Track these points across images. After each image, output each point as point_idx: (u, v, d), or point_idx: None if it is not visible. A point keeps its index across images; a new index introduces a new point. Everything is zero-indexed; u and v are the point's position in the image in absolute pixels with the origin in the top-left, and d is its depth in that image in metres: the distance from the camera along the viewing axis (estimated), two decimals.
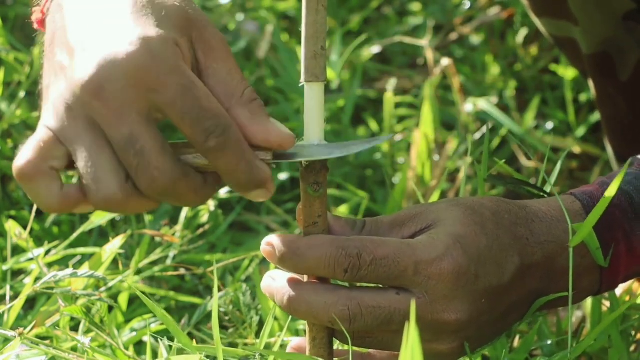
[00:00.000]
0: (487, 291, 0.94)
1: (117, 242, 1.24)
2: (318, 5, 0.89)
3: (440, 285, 0.92)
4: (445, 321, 0.93)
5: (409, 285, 0.93)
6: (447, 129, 1.87)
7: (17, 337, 1.00)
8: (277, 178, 1.72)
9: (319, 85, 0.91)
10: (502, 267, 0.94)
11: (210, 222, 1.41)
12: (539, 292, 0.98)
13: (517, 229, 0.96)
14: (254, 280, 1.33)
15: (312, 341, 0.97)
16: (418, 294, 0.92)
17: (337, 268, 0.92)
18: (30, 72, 1.49)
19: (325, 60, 0.91)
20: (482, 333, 0.97)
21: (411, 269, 0.92)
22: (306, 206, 0.94)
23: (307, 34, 0.90)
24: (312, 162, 0.93)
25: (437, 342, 0.95)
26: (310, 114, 0.92)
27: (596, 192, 1.00)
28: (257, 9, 1.99)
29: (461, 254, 0.92)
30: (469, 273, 0.93)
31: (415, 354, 0.74)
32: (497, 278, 0.94)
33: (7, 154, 1.52)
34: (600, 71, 1.27)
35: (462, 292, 0.93)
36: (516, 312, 0.98)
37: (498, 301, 0.95)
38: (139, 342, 1.26)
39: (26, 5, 1.63)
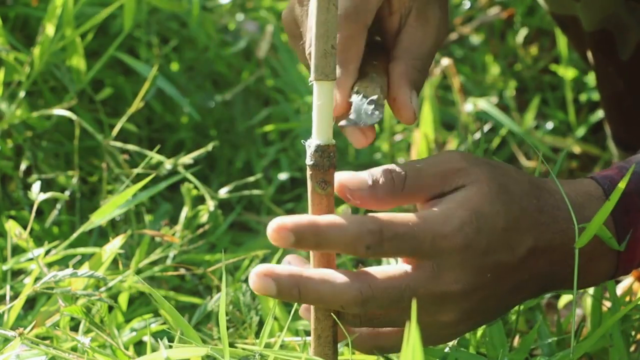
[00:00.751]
0: (494, 266, 0.94)
1: (117, 242, 1.24)
2: (329, 4, 0.89)
3: (450, 258, 0.93)
4: (449, 291, 0.94)
5: (422, 256, 0.93)
6: (447, 129, 1.87)
7: (17, 337, 1.00)
8: (277, 178, 1.72)
9: (328, 84, 0.91)
10: (513, 247, 0.95)
11: (210, 222, 1.41)
12: (552, 274, 0.98)
13: (541, 216, 0.97)
14: None
15: (316, 339, 0.97)
16: (428, 268, 0.93)
17: (359, 245, 0.92)
18: (30, 72, 1.49)
19: (335, 59, 0.91)
20: (484, 307, 0.97)
21: (428, 243, 0.93)
22: (314, 204, 0.95)
23: (317, 33, 0.90)
24: (320, 161, 0.93)
25: (439, 313, 0.95)
26: (320, 113, 0.92)
27: (616, 177, 1.00)
28: (257, 9, 1.99)
29: (475, 231, 0.93)
30: (478, 249, 0.93)
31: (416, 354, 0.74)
32: (506, 256, 0.95)
33: (7, 154, 1.52)
34: (601, 49, 1.27)
35: (468, 264, 0.93)
36: (524, 292, 0.99)
37: (504, 278, 0.96)
38: (139, 342, 1.26)
39: (26, 5, 1.63)
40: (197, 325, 1.27)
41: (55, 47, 1.50)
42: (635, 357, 1.09)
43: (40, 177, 1.49)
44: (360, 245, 0.92)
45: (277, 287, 0.94)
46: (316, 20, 0.89)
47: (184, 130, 1.75)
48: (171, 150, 1.73)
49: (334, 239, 0.93)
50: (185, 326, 1.00)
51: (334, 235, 0.93)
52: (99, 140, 1.48)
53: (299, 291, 0.94)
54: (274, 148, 1.75)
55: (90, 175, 1.58)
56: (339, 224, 0.93)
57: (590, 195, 0.99)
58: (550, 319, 1.35)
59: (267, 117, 1.82)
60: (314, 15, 0.90)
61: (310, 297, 0.94)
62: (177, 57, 1.79)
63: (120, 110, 1.63)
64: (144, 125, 1.71)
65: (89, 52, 1.63)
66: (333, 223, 0.93)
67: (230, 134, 1.80)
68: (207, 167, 1.74)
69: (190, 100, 1.74)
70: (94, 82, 1.65)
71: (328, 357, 0.97)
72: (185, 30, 1.80)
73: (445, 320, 0.96)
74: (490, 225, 0.94)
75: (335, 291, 0.93)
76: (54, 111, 1.48)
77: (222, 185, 1.64)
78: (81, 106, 1.60)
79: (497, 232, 0.94)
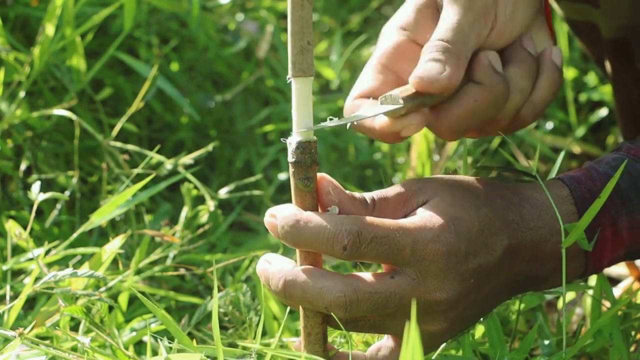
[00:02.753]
0: (475, 271, 0.96)
1: (117, 242, 1.24)
2: (303, 1, 0.89)
3: (433, 265, 0.94)
4: (436, 300, 0.95)
5: (403, 264, 0.94)
6: None
7: (17, 337, 1.00)
8: (277, 178, 1.72)
9: (306, 80, 0.92)
10: (491, 249, 0.97)
11: (210, 222, 1.41)
12: (527, 274, 1.00)
13: (508, 214, 0.98)
14: (254, 280, 1.33)
15: (306, 337, 0.97)
16: (412, 275, 0.94)
17: (336, 245, 0.93)
18: (30, 72, 1.49)
19: (312, 55, 0.91)
20: (469, 313, 0.98)
21: (409, 248, 0.93)
22: (297, 201, 0.95)
23: (292, 30, 0.90)
24: (301, 158, 0.93)
25: (428, 322, 0.96)
26: (299, 108, 0.93)
27: (583, 177, 1.02)
28: (257, 9, 1.99)
29: (454, 235, 0.95)
30: (459, 254, 0.95)
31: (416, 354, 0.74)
32: (485, 259, 0.96)
33: (7, 154, 1.52)
34: (618, 57, 1.28)
35: (452, 272, 0.95)
36: (503, 293, 1.01)
37: (486, 281, 0.97)
38: (139, 342, 1.26)
39: (26, 5, 1.63)
40: (197, 325, 1.27)
41: (55, 47, 1.50)
42: (635, 357, 1.09)
43: (40, 177, 1.48)
44: (337, 245, 0.93)
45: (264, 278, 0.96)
46: (291, 17, 0.90)
47: (184, 130, 1.75)
48: (171, 150, 1.73)
49: (310, 235, 0.93)
50: (177, 332, 0.99)
51: (311, 232, 0.93)
52: (99, 140, 1.48)
53: (284, 287, 0.94)
54: (274, 148, 1.75)
55: (90, 175, 1.58)
56: (317, 222, 0.93)
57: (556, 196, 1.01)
58: (550, 319, 1.35)
59: (267, 117, 1.82)
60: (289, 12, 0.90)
61: (296, 294, 0.94)
62: (177, 57, 1.79)
63: (120, 110, 1.63)
64: (144, 125, 1.71)
65: (89, 52, 1.63)
66: (311, 219, 0.94)
67: (230, 134, 1.80)
68: (207, 167, 1.74)
69: (190, 100, 1.74)
70: (94, 82, 1.65)
71: (318, 354, 0.97)
72: (185, 30, 1.80)
73: (432, 329, 0.97)
74: (467, 229, 0.95)
75: (321, 292, 0.93)
76: (54, 111, 1.48)
77: (222, 185, 1.64)
78: (81, 106, 1.59)
79: (474, 235, 0.96)
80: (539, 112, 1.10)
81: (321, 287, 0.93)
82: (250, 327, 1.19)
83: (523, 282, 1.01)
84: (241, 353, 1.01)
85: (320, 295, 0.93)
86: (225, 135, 1.79)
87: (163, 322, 0.99)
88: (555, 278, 1.02)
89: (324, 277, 0.94)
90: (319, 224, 0.93)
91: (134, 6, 1.57)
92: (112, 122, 1.57)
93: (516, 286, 1.01)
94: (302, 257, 0.96)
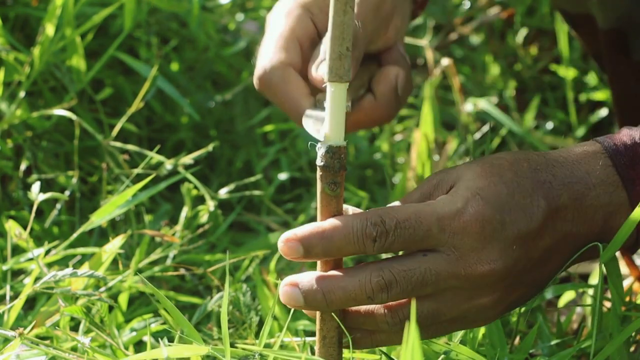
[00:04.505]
0: (517, 238, 0.94)
1: (117, 242, 1.24)
2: (346, 6, 0.89)
3: (467, 238, 0.93)
4: (480, 273, 0.93)
5: (436, 245, 0.93)
6: (447, 129, 1.87)
7: (17, 337, 1.00)
8: (277, 178, 1.72)
9: (342, 86, 0.92)
10: (528, 212, 0.94)
11: (210, 222, 1.41)
12: (575, 235, 0.98)
13: (538, 174, 0.96)
14: (254, 280, 1.33)
15: (321, 340, 0.97)
16: (447, 252, 0.93)
17: (366, 239, 0.93)
18: (30, 72, 1.49)
19: (350, 61, 0.91)
20: (522, 281, 0.96)
21: (435, 226, 0.92)
22: (323, 205, 0.95)
23: (333, 35, 0.90)
24: (330, 162, 0.93)
25: (478, 297, 0.95)
26: (332, 114, 0.92)
27: (616, 135, 1.00)
28: (257, 9, 1.99)
29: (482, 204, 0.93)
30: (494, 221, 0.93)
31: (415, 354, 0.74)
32: (525, 223, 0.94)
33: (7, 154, 1.52)
34: (614, 48, 1.27)
35: (490, 241, 0.93)
36: (555, 257, 0.98)
37: (531, 247, 0.95)
38: (139, 342, 1.26)
39: (26, 5, 1.63)
40: (197, 326, 1.27)
41: (55, 47, 1.50)
42: (636, 357, 1.09)
43: (40, 177, 1.49)
44: (368, 240, 0.93)
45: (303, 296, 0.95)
46: (332, 22, 0.90)
47: (184, 130, 1.75)
48: (171, 150, 1.73)
49: (340, 240, 0.93)
50: (186, 325, 1.00)
51: (340, 237, 0.93)
52: (99, 140, 1.48)
53: (323, 295, 0.94)
54: (274, 148, 1.75)
55: (90, 175, 1.58)
56: (343, 224, 0.93)
57: (585, 152, 0.99)
58: (550, 319, 1.35)
59: (267, 117, 1.82)
60: (330, 17, 0.90)
61: (337, 297, 0.94)
62: (177, 57, 1.79)
63: (120, 110, 1.63)
64: (144, 125, 1.71)
65: (89, 52, 1.63)
66: (336, 225, 0.93)
67: (230, 134, 1.80)
68: (207, 167, 1.74)
69: (190, 100, 1.74)
70: (94, 82, 1.65)
71: (333, 358, 0.97)
72: (185, 30, 1.80)
73: (484, 302, 0.95)
74: (495, 195, 0.93)
75: (360, 284, 0.93)
76: (54, 111, 1.48)
77: (222, 185, 1.64)
78: (81, 106, 1.59)
79: (505, 199, 0.94)
80: None
81: (359, 279, 0.93)
82: (250, 327, 1.19)
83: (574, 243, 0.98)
84: (244, 354, 1.01)
85: (361, 287, 0.93)
86: (225, 135, 1.79)
87: (172, 315, 0.99)
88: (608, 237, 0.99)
89: (358, 270, 0.94)
90: (344, 226, 0.93)
91: (134, 6, 1.57)
92: (112, 122, 1.57)
93: (570, 249, 0.98)
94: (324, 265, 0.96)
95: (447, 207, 0.93)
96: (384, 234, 0.92)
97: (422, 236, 0.93)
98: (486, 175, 0.95)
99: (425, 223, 0.92)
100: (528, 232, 0.94)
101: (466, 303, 0.95)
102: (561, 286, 1.14)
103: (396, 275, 0.93)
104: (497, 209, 0.93)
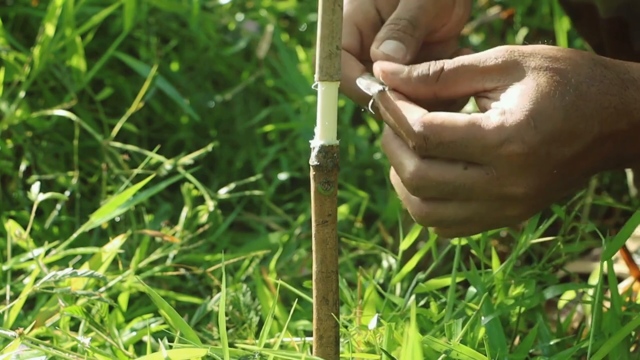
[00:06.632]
0: (560, 163, 0.94)
1: (117, 242, 1.24)
2: (334, 5, 0.89)
3: (509, 165, 0.93)
4: (513, 194, 0.94)
5: (478, 161, 0.94)
6: None
7: (17, 337, 1.00)
8: (277, 178, 1.72)
9: (332, 85, 0.92)
10: (578, 137, 0.94)
11: (210, 222, 1.41)
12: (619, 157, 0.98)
13: (604, 97, 0.95)
14: (254, 280, 1.33)
15: (318, 339, 0.97)
16: (486, 170, 0.94)
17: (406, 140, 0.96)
18: (30, 72, 1.49)
19: (340, 59, 0.91)
20: (552, 196, 0.98)
21: (479, 151, 0.93)
22: (316, 205, 0.95)
23: (322, 34, 0.90)
24: (323, 162, 0.93)
25: (504, 209, 0.97)
26: (324, 113, 0.92)
27: None
28: (257, 9, 1.99)
29: (532, 134, 0.92)
30: (540, 152, 0.93)
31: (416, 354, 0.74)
32: (570, 148, 0.94)
33: (7, 154, 1.52)
34: (615, 36, 1.27)
35: (530, 169, 0.93)
36: (589, 175, 0.99)
37: (571, 169, 0.95)
38: (139, 342, 1.26)
39: (26, 5, 1.63)
40: (197, 325, 1.27)
41: (55, 47, 1.50)
42: (635, 357, 1.09)
43: (40, 177, 1.49)
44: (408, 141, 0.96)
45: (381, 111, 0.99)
46: (321, 21, 0.90)
47: (184, 130, 1.75)
48: (171, 150, 1.73)
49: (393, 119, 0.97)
50: (184, 326, 1.00)
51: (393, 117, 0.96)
52: (98, 140, 1.48)
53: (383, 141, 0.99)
54: (274, 148, 1.75)
55: (90, 176, 1.58)
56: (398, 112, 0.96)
57: None
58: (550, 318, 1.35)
59: (267, 117, 1.82)
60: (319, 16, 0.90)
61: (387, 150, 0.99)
62: (177, 57, 1.79)
63: (120, 110, 1.63)
64: (144, 125, 1.71)
65: (89, 52, 1.63)
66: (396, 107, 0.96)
67: (230, 134, 1.80)
68: (207, 167, 1.74)
69: (190, 100, 1.74)
70: (94, 82, 1.65)
71: (330, 357, 0.97)
72: (185, 30, 1.80)
73: (511, 214, 0.97)
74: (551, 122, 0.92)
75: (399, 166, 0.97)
76: (54, 111, 1.48)
77: (222, 185, 1.64)
78: (81, 106, 1.60)
79: (558, 127, 0.93)
80: None
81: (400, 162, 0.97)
82: (250, 327, 1.19)
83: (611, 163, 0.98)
84: (243, 354, 1.01)
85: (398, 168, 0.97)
86: (225, 135, 1.79)
87: (170, 316, 0.99)
88: None
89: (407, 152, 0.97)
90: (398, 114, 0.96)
91: (134, 6, 1.57)
92: (112, 122, 1.57)
93: (608, 167, 0.99)
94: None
95: (496, 134, 0.92)
96: (422, 147, 0.94)
97: (466, 156, 0.94)
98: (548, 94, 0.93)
99: (470, 148, 0.93)
100: (572, 156, 0.94)
101: (495, 213, 0.97)
102: (561, 286, 1.14)
103: (427, 182, 0.95)
104: (547, 140, 0.93)
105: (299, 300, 1.23)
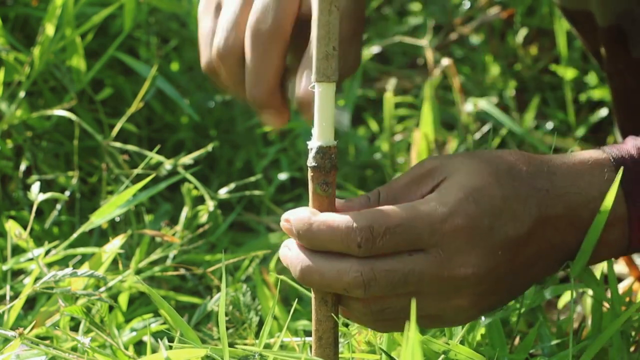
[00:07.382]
0: (503, 243, 0.93)
1: (117, 242, 1.24)
2: (331, 6, 0.89)
3: (455, 241, 0.91)
4: (463, 276, 0.92)
5: (425, 247, 0.92)
6: (447, 129, 1.87)
7: (17, 337, 1.00)
8: (277, 178, 1.72)
9: (330, 86, 0.91)
10: (519, 218, 0.93)
11: (210, 222, 1.41)
12: (563, 244, 0.96)
13: (536, 180, 0.94)
14: (254, 280, 1.33)
15: (317, 341, 0.97)
16: (433, 253, 0.92)
17: (351, 244, 0.91)
18: (30, 72, 1.49)
19: (337, 60, 0.91)
20: (501, 286, 0.95)
21: (427, 231, 0.91)
22: (315, 206, 0.94)
23: (319, 35, 0.90)
24: (321, 163, 0.93)
25: (456, 297, 0.94)
26: (321, 114, 0.92)
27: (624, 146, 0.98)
28: None
29: (473, 207, 0.91)
30: (483, 226, 0.91)
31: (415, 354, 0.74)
32: (514, 229, 0.93)
33: (7, 154, 1.52)
34: (613, 45, 1.27)
35: (476, 245, 0.92)
36: (539, 264, 0.96)
37: (516, 252, 0.94)
38: (139, 342, 1.26)
39: (26, 5, 1.63)
40: (197, 325, 1.27)
41: (55, 47, 1.50)
42: (635, 357, 1.09)
43: (40, 177, 1.49)
44: (352, 244, 0.91)
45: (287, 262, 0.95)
46: (318, 22, 0.89)
47: (184, 130, 1.75)
48: (171, 150, 1.73)
49: (325, 238, 0.92)
50: (184, 327, 1.00)
51: (325, 235, 0.92)
52: (98, 140, 1.48)
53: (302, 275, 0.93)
54: (274, 148, 1.75)
55: (90, 176, 1.58)
56: (330, 223, 0.92)
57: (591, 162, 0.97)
58: (550, 318, 1.35)
59: None
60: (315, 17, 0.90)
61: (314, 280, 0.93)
62: (177, 57, 1.79)
63: (120, 110, 1.63)
64: (144, 125, 1.71)
65: (89, 52, 1.63)
66: (324, 222, 0.92)
67: (230, 134, 1.80)
68: (207, 167, 1.74)
69: (190, 100, 1.74)
70: (94, 82, 1.65)
71: (329, 359, 0.97)
72: (185, 30, 1.80)
73: (461, 303, 0.94)
74: (488, 197, 0.92)
75: (338, 274, 0.92)
76: (54, 111, 1.48)
77: (222, 185, 1.64)
78: (81, 106, 1.60)
79: (498, 204, 0.92)
80: None
81: (338, 269, 0.92)
82: (250, 327, 1.19)
83: (561, 253, 0.97)
84: (243, 354, 1.01)
85: (339, 277, 0.92)
86: (225, 135, 1.79)
87: (170, 316, 0.99)
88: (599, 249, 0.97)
89: (340, 259, 0.93)
90: (330, 225, 0.92)
91: (134, 6, 1.57)
92: (112, 122, 1.57)
93: (555, 257, 0.97)
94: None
95: (439, 209, 0.91)
96: (369, 240, 0.91)
97: (413, 241, 0.92)
98: (482, 175, 0.93)
99: (418, 228, 0.91)
100: (516, 237, 0.93)
101: (443, 303, 0.94)
102: (561, 286, 1.14)
103: (377, 274, 0.91)
104: (487, 213, 0.92)
105: (299, 300, 1.23)
